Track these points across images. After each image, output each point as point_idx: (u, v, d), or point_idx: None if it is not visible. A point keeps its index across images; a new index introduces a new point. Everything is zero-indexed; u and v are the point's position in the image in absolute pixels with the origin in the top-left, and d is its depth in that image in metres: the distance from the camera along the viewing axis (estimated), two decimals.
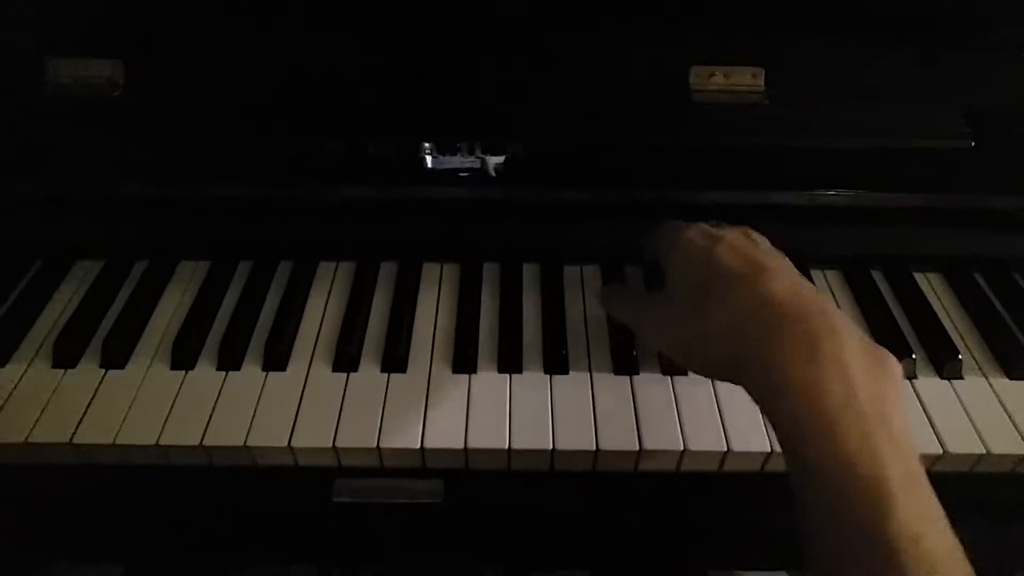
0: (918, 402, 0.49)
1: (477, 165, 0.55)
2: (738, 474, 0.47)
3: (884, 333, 0.54)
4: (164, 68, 0.56)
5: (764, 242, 0.45)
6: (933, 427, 0.48)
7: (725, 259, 0.42)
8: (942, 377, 0.51)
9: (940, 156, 0.55)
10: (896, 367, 0.38)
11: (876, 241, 0.59)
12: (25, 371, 0.50)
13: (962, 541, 0.34)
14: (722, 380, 0.43)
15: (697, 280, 0.43)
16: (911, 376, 0.51)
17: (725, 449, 0.46)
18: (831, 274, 0.59)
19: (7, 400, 0.48)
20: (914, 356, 0.51)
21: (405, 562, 0.55)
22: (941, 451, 0.46)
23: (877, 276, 0.59)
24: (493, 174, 0.56)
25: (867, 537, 0.33)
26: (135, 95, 0.55)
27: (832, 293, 0.58)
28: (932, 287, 0.59)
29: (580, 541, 0.53)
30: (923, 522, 0.33)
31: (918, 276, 0.59)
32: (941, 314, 0.56)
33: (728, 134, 0.55)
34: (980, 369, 0.52)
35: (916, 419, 0.48)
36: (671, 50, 0.55)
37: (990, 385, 0.51)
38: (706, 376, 0.45)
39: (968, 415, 0.49)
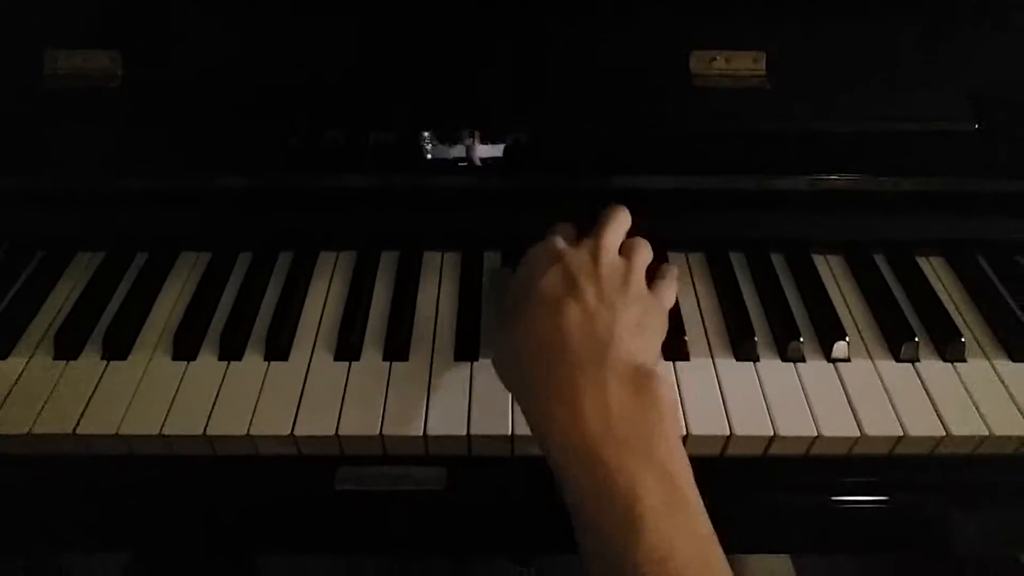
0: (921, 385, 0.49)
1: (476, 153, 0.55)
2: (740, 458, 0.47)
3: (887, 317, 0.54)
4: (162, 58, 0.56)
5: (616, 261, 0.46)
6: (936, 409, 0.48)
7: (548, 282, 0.43)
8: (945, 360, 0.51)
9: (943, 139, 0.55)
10: (662, 388, 0.39)
11: (878, 225, 0.59)
12: (27, 363, 0.50)
13: (970, 526, 0.34)
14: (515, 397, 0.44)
15: (520, 295, 0.44)
16: (914, 359, 0.51)
17: (728, 433, 0.46)
18: (833, 259, 0.59)
19: (9, 392, 0.48)
20: (917, 339, 0.51)
21: (409, 549, 0.55)
22: (944, 433, 0.46)
23: (879, 260, 0.59)
24: (492, 162, 0.55)
25: (617, 561, 0.34)
26: (133, 86, 0.55)
27: (835, 279, 0.58)
28: (935, 270, 0.59)
29: None
30: (677, 543, 0.34)
31: (920, 260, 0.59)
32: (944, 297, 0.56)
33: (729, 119, 0.55)
34: (983, 351, 0.52)
35: (918, 402, 0.48)
36: (671, 34, 0.55)
37: (993, 367, 0.51)
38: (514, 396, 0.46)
39: (971, 397, 0.48)
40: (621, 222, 0.49)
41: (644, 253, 0.48)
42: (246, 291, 0.55)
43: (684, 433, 0.46)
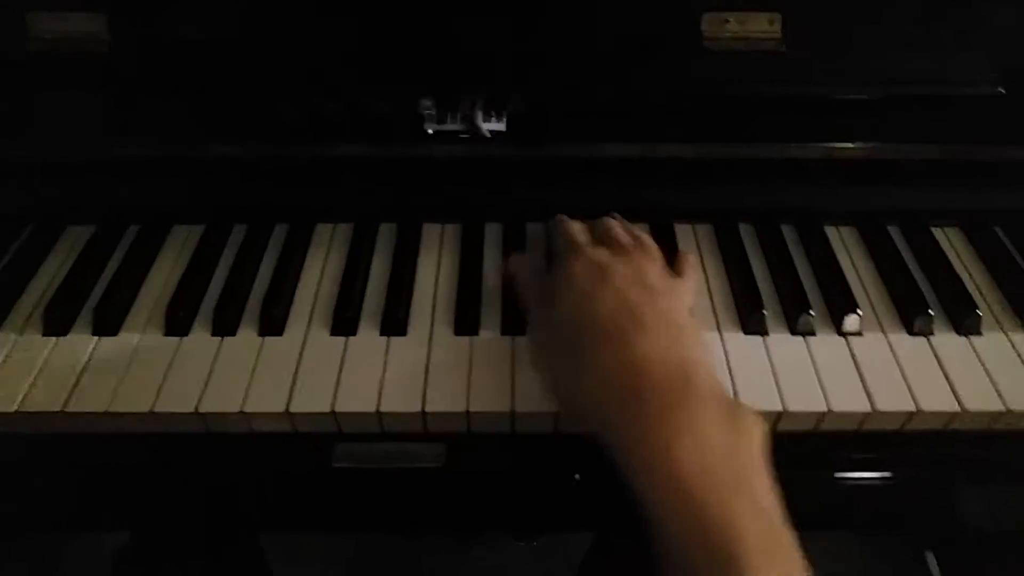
0: (935, 359, 0.48)
1: (477, 121, 0.53)
2: None
3: (900, 289, 0.52)
4: (150, 22, 0.54)
5: (654, 269, 0.45)
6: (950, 384, 0.46)
7: (604, 308, 0.41)
8: (959, 333, 0.50)
9: (964, 104, 0.53)
10: (756, 424, 0.38)
11: (893, 195, 0.57)
12: (16, 339, 0.49)
13: (982, 504, 0.33)
14: (586, 432, 0.41)
15: (574, 322, 0.42)
16: (928, 333, 0.49)
17: None
18: (845, 230, 0.57)
19: None
20: (931, 312, 0.50)
21: (409, 527, 0.54)
22: (959, 408, 0.45)
23: (893, 231, 0.57)
24: (494, 130, 0.54)
25: None
26: (121, 51, 0.53)
27: (847, 250, 0.56)
28: (950, 242, 0.57)
29: (585, 503, 0.52)
30: None
31: (936, 231, 0.57)
32: (959, 269, 0.54)
33: (742, 84, 0.53)
34: (999, 324, 0.50)
35: (932, 376, 0.47)
36: None
37: (1010, 341, 0.49)
38: (572, 423, 0.44)
39: (987, 371, 0.47)
40: (623, 227, 0.49)
41: (655, 248, 0.48)
42: (240, 265, 0.54)
43: None
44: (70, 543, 0.72)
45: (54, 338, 0.49)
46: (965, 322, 0.50)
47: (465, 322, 0.50)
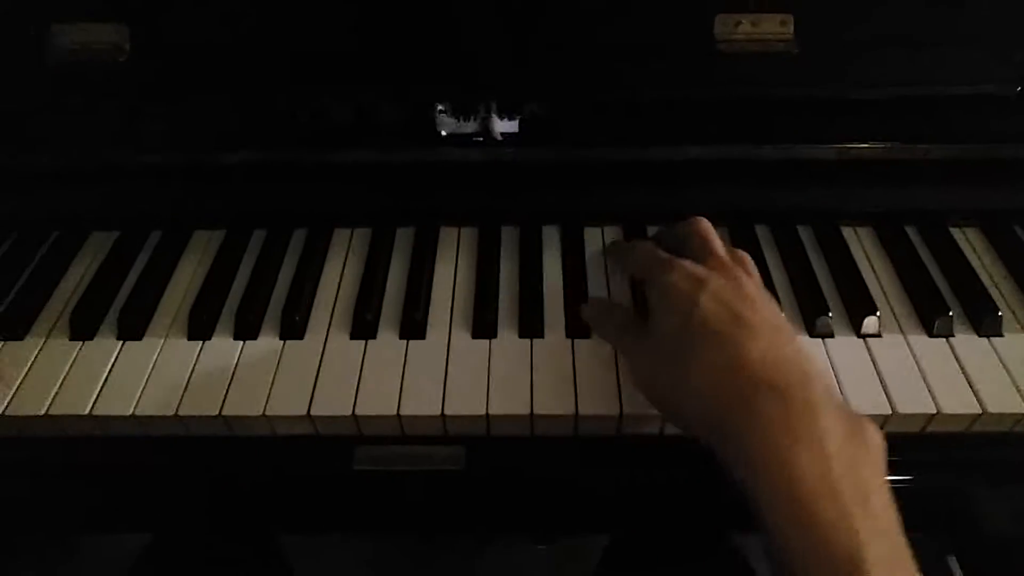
0: (955, 361, 0.47)
1: (492, 124, 0.54)
2: None
3: (919, 290, 0.52)
4: (169, 31, 0.54)
5: (752, 281, 0.43)
6: (971, 386, 0.46)
7: (707, 312, 0.40)
8: (980, 335, 0.49)
9: (981, 103, 0.52)
10: (876, 436, 0.36)
11: (910, 195, 0.57)
12: (43, 344, 0.50)
13: (1003, 507, 0.33)
14: (696, 438, 0.40)
15: (678, 330, 0.41)
16: (948, 334, 0.49)
17: None
18: (863, 231, 0.57)
19: (26, 374, 0.48)
20: (951, 313, 0.49)
21: (428, 529, 0.55)
22: (980, 411, 0.45)
23: (911, 232, 0.57)
24: (507, 132, 0.54)
25: None
26: (141, 60, 0.53)
27: (864, 251, 0.56)
28: (970, 242, 0.56)
29: (603, 506, 0.52)
30: None
31: (955, 231, 0.57)
32: (979, 270, 0.54)
33: (755, 86, 0.52)
34: (1021, 325, 0.50)
35: (952, 378, 0.46)
36: None
37: None
38: (682, 431, 0.42)
39: (1008, 372, 0.47)
40: (714, 232, 0.47)
41: (750, 261, 0.46)
42: (260, 270, 0.55)
43: None
44: (92, 543, 0.73)
45: (80, 343, 0.50)
46: (985, 323, 0.49)
47: (483, 325, 0.50)
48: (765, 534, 0.35)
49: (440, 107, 0.54)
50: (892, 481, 0.46)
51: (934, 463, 0.46)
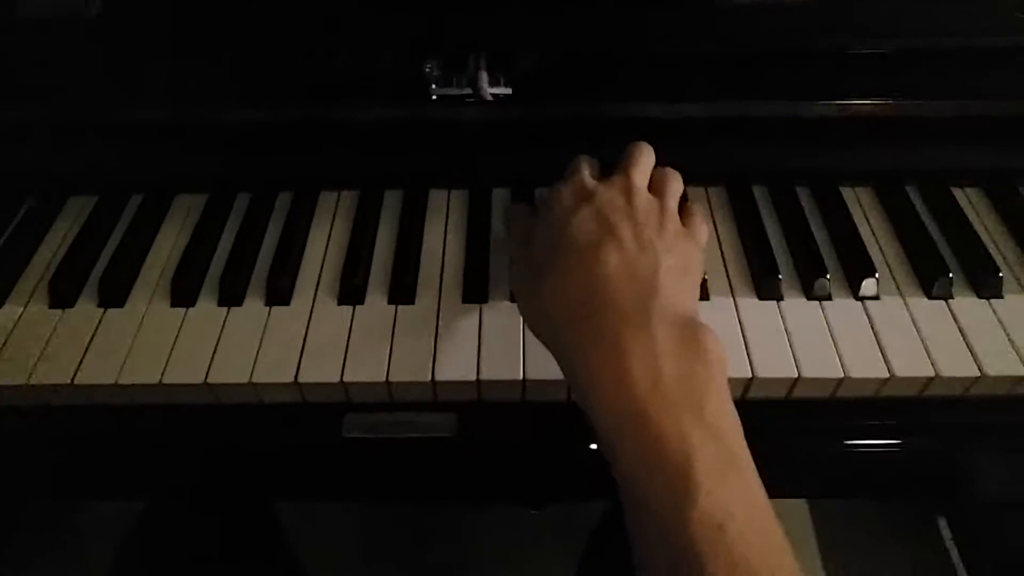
0: (954, 323, 0.47)
1: (482, 82, 0.52)
2: (762, 401, 0.45)
3: (919, 252, 0.51)
4: None
5: (657, 204, 0.42)
6: (970, 348, 0.45)
7: (580, 227, 0.39)
8: (980, 296, 0.48)
9: (987, 57, 0.51)
10: (714, 344, 0.36)
11: (911, 154, 0.55)
12: (23, 312, 0.49)
13: (1000, 472, 0.32)
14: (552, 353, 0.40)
15: (548, 243, 0.40)
16: (947, 296, 0.48)
17: (749, 375, 0.44)
18: (862, 191, 0.56)
19: (5, 342, 0.47)
20: (951, 275, 0.48)
21: (420, 496, 0.54)
22: (979, 373, 0.44)
23: (912, 192, 0.55)
24: (499, 91, 0.52)
25: (668, 525, 0.32)
26: (114, 13, 0.51)
27: (864, 212, 0.54)
28: (971, 202, 0.55)
29: (597, 472, 0.52)
30: (733, 508, 0.32)
31: (956, 191, 0.55)
32: (980, 230, 0.52)
33: (754, 39, 0.51)
34: (1021, 287, 0.49)
35: (951, 341, 0.46)
36: None
37: None
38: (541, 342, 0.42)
39: (1008, 335, 0.46)
40: (648, 157, 0.45)
41: (677, 188, 0.44)
42: (245, 234, 0.53)
43: None
44: (85, 511, 0.73)
45: (60, 310, 0.49)
46: (986, 285, 0.48)
47: (474, 289, 0.49)
48: (600, 449, 0.35)
49: (429, 63, 0.52)
50: (887, 444, 0.47)
51: (929, 426, 0.46)
